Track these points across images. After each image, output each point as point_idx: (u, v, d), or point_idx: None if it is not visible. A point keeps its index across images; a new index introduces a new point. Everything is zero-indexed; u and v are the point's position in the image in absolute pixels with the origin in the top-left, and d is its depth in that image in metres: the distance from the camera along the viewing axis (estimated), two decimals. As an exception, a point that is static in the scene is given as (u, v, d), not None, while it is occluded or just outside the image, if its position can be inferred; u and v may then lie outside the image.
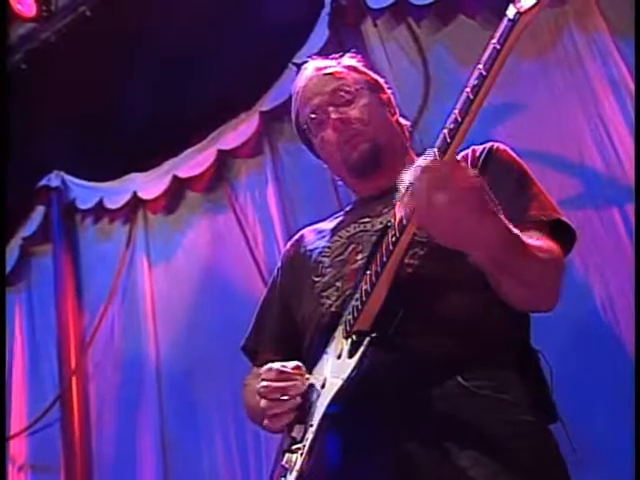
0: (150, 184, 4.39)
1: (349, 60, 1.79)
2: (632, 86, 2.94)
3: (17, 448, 4.34)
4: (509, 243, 1.26)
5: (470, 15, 3.35)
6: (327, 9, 3.73)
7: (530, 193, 1.50)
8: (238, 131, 4.12)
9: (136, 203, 4.46)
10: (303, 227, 1.89)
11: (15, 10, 4.13)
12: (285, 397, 1.42)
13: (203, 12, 3.82)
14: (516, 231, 1.28)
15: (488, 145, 1.59)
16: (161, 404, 4.04)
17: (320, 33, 3.70)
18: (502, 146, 1.60)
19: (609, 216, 2.91)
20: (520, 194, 1.50)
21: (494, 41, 1.15)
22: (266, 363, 1.52)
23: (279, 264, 1.86)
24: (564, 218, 1.49)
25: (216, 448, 3.79)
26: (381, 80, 1.80)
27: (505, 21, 1.15)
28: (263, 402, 1.44)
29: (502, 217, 1.24)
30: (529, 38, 3.09)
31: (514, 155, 1.59)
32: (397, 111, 1.78)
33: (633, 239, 2.74)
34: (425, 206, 1.17)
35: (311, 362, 1.51)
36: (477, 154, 1.57)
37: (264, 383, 1.45)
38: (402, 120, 1.78)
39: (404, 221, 1.31)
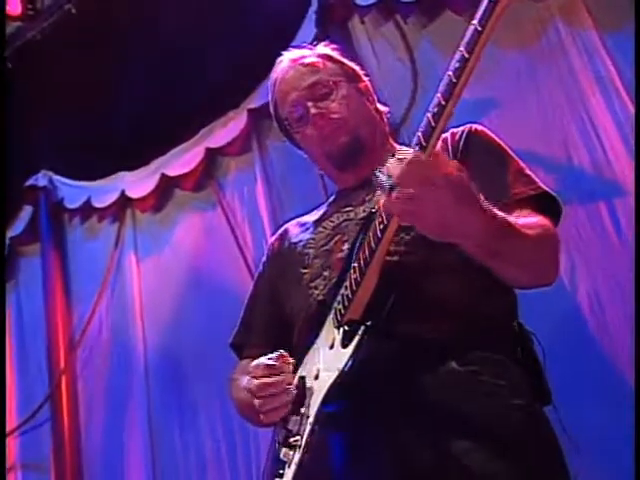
0: (138, 183, 4.37)
1: (324, 49, 1.77)
2: (618, 82, 2.94)
3: (7, 448, 4.32)
4: (497, 229, 1.25)
5: (457, 11, 3.35)
6: (314, 7, 3.72)
7: (512, 170, 1.51)
8: (226, 129, 4.11)
9: (124, 202, 4.45)
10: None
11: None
12: (277, 391, 1.40)
13: (190, 10, 3.81)
14: (502, 215, 1.27)
15: (466, 127, 1.59)
16: (149, 402, 4.04)
17: (307, 31, 3.68)
18: (480, 127, 1.61)
19: (596, 211, 2.91)
20: (503, 173, 1.50)
21: (475, 22, 1.13)
22: (257, 356, 1.50)
23: (264, 259, 1.86)
24: (549, 190, 1.50)
25: (204, 443, 3.79)
26: (357, 68, 1.78)
27: (486, 1, 1.12)
28: (256, 401, 1.42)
29: (487, 204, 1.22)
30: (513, 32, 3.09)
31: (492, 135, 1.60)
32: (375, 98, 1.77)
33: (633, 236, 2.72)
34: (410, 202, 1.15)
35: (301, 352, 1.50)
36: (457, 137, 1.57)
37: (254, 381, 1.42)
38: (380, 107, 1.77)
39: (386, 219, 1.29)
